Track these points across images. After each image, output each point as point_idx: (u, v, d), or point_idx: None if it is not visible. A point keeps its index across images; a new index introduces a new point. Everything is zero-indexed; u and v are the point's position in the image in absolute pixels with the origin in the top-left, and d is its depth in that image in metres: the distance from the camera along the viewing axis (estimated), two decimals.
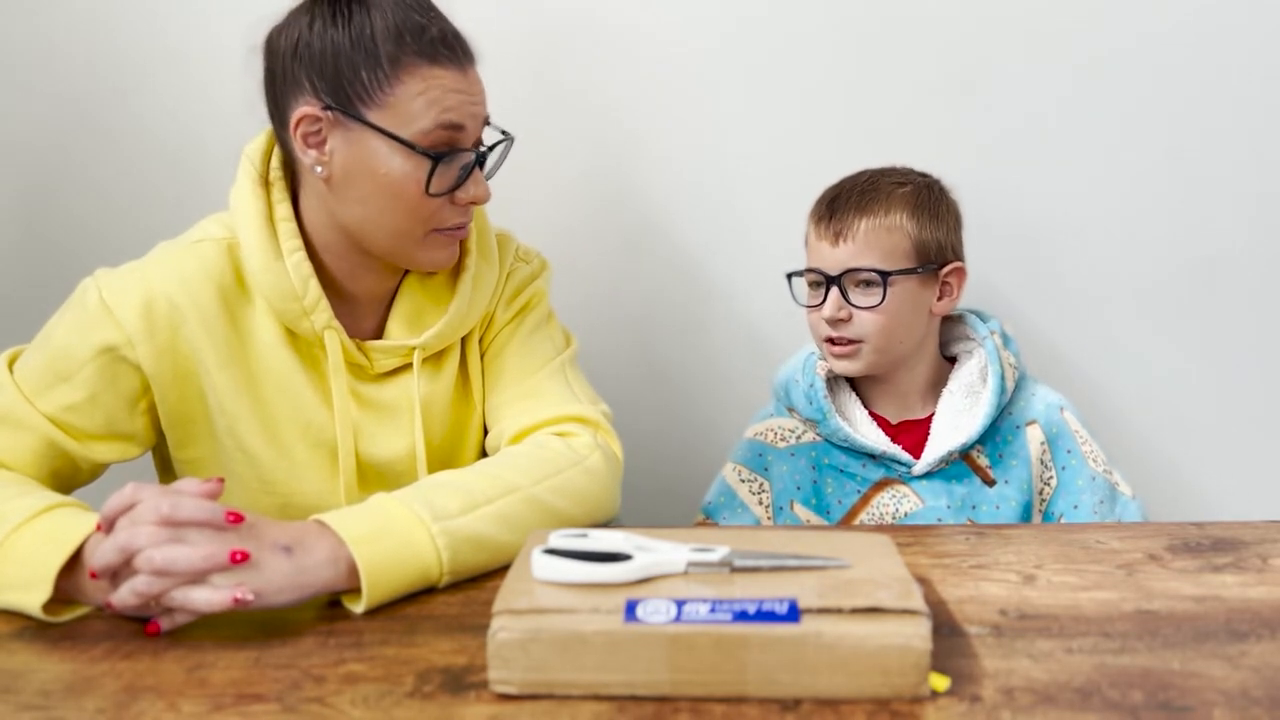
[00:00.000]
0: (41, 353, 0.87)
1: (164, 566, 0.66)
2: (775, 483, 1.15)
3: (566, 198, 1.37)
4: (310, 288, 0.88)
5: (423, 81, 0.84)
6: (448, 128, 0.85)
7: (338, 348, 0.90)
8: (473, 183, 0.88)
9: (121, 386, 0.88)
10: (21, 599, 0.71)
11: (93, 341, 0.86)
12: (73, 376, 0.86)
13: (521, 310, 1.01)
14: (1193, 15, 1.26)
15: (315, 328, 0.89)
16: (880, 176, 1.10)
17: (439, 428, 0.98)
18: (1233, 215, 1.31)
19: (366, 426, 0.95)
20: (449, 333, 0.95)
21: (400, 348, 0.94)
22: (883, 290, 1.06)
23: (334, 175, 0.86)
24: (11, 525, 0.73)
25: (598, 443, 0.91)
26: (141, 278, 0.88)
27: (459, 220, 0.90)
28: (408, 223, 0.87)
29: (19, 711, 0.60)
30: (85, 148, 1.38)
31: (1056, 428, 1.11)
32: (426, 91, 0.84)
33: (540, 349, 1.00)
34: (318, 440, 0.93)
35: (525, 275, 1.02)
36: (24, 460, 0.85)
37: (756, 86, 1.33)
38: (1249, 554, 0.80)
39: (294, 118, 0.85)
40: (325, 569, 0.71)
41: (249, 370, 0.91)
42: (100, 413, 0.87)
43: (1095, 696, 0.58)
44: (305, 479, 0.94)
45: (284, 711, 0.59)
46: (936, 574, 0.78)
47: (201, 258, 0.90)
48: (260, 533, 0.71)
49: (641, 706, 0.58)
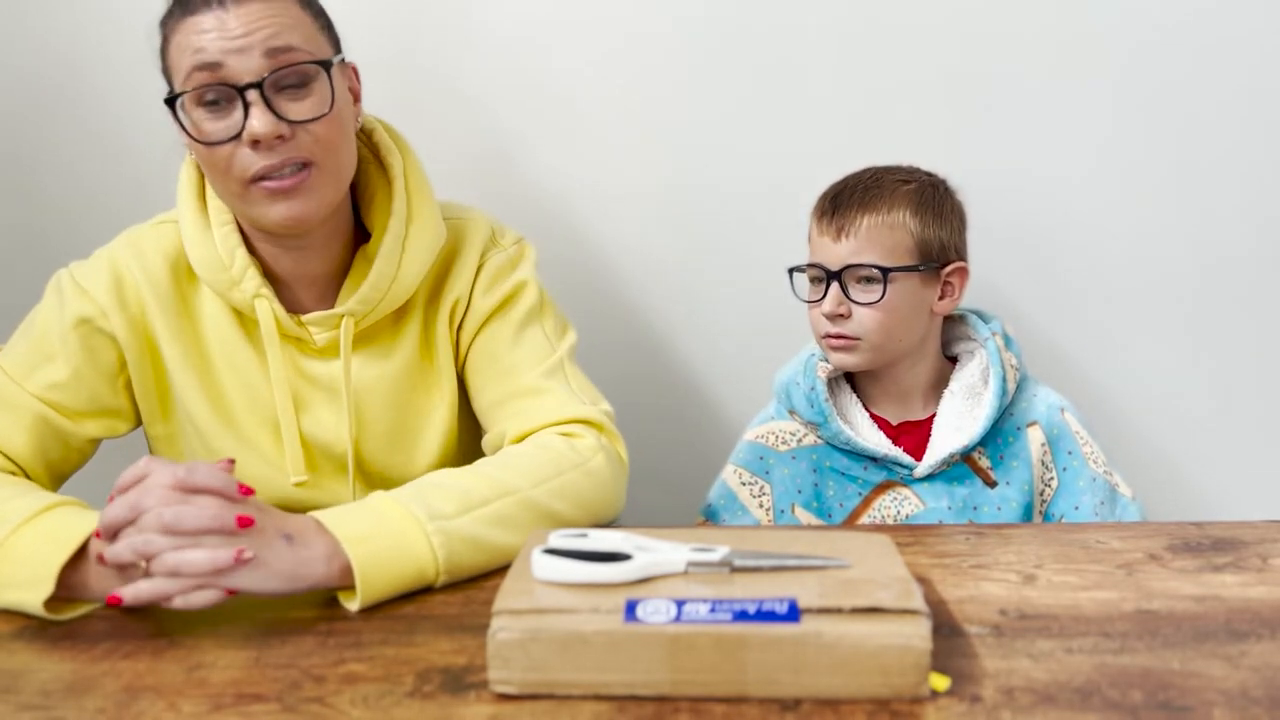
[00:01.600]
0: (24, 339, 0.91)
1: (171, 522, 0.67)
2: (776, 486, 1.15)
3: (567, 195, 1.37)
4: (237, 256, 0.89)
5: (183, 36, 0.82)
6: (201, 68, 0.81)
7: (268, 314, 0.90)
8: (252, 117, 0.81)
9: (101, 360, 0.91)
10: (23, 597, 0.71)
11: (69, 316, 0.90)
12: (55, 355, 0.90)
13: (507, 300, 0.98)
14: (1194, 18, 1.26)
15: (246, 296, 0.90)
16: (885, 174, 1.10)
17: (387, 410, 0.96)
18: (1235, 217, 1.31)
19: (311, 405, 0.95)
20: (372, 296, 0.91)
21: (331, 318, 0.92)
22: (883, 287, 1.05)
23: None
24: (12, 525, 0.73)
25: (602, 444, 0.90)
26: (108, 257, 0.93)
27: (261, 164, 0.82)
28: (220, 180, 0.85)
29: (19, 711, 0.60)
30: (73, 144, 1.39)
31: (1057, 429, 1.11)
32: (181, 42, 0.83)
33: (534, 344, 0.97)
34: (264, 416, 0.94)
35: (503, 261, 0.98)
36: (17, 441, 0.88)
37: (760, 85, 1.33)
38: (1249, 554, 0.80)
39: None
40: (319, 565, 0.71)
41: (199, 345, 0.94)
42: (85, 389, 0.91)
43: (1095, 696, 0.58)
44: (256, 457, 0.94)
45: (284, 711, 0.59)
46: (936, 574, 0.78)
47: (159, 237, 0.93)
48: (265, 517, 0.71)
49: (641, 706, 0.58)
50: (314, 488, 0.95)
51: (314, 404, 0.95)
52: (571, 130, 1.36)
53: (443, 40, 1.33)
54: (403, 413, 0.97)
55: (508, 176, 1.35)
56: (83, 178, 1.40)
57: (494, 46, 1.33)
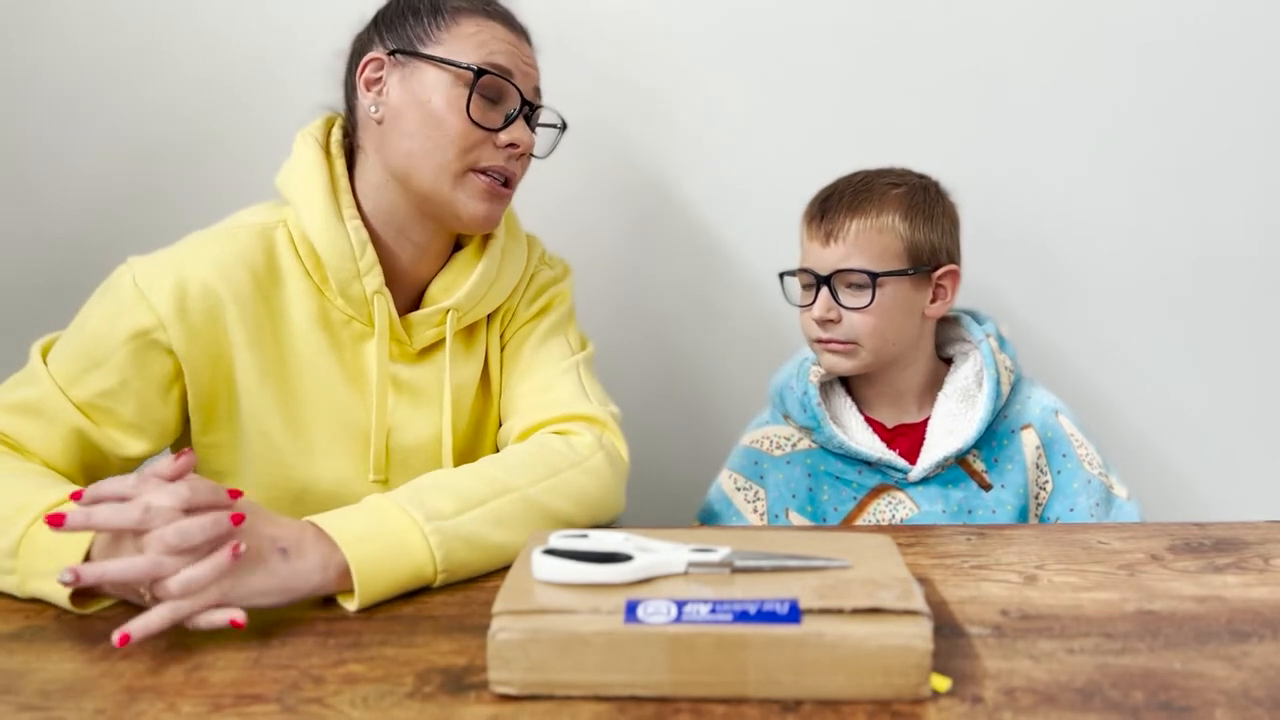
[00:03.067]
0: (75, 340, 0.88)
1: (177, 542, 0.66)
2: (770, 490, 1.15)
3: (568, 201, 1.37)
4: (368, 251, 0.91)
5: (476, 26, 0.91)
6: (495, 68, 0.91)
7: (385, 312, 0.93)
8: (516, 126, 0.92)
9: (153, 372, 0.88)
10: (49, 588, 0.71)
11: (125, 326, 0.87)
12: (105, 363, 0.86)
13: (543, 310, 1.04)
14: (1193, 19, 1.27)
15: (367, 291, 0.92)
16: (875, 177, 1.10)
17: (463, 416, 1.00)
18: (1232, 217, 1.31)
19: (395, 408, 0.96)
20: (477, 292, 0.97)
21: (436, 314, 0.95)
22: (872, 292, 1.05)
23: (387, 115, 0.92)
24: (34, 514, 0.73)
25: (601, 443, 0.91)
26: (174, 262, 0.89)
27: (498, 163, 0.92)
28: (448, 153, 0.90)
29: (19, 711, 0.60)
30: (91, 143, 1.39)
31: (1052, 431, 1.11)
32: (478, 34, 0.91)
33: (556, 347, 1.02)
34: (343, 423, 0.94)
35: (548, 278, 1.05)
36: (54, 451, 0.85)
37: (760, 88, 1.33)
38: (1251, 554, 0.80)
39: (360, 65, 0.93)
40: (314, 574, 0.71)
41: (279, 351, 0.92)
42: (133, 399, 0.88)
43: (1097, 697, 0.58)
44: (324, 464, 0.94)
45: (284, 711, 0.59)
46: (938, 574, 0.78)
47: (235, 241, 0.92)
48: (259, 530, 0.71)
49: (642, 707, 0.58)
50: (387, 488, 0.94)
51: (395, 406, 0.96)
52: (575, 132, 1.35)
53: None
54: (472, 418, 1.00)
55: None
56: (86, 179, 1.40)
57: None
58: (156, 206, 1.36)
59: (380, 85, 0.92)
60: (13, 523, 0.73)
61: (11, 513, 0.74)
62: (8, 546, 0.73)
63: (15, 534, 0.73)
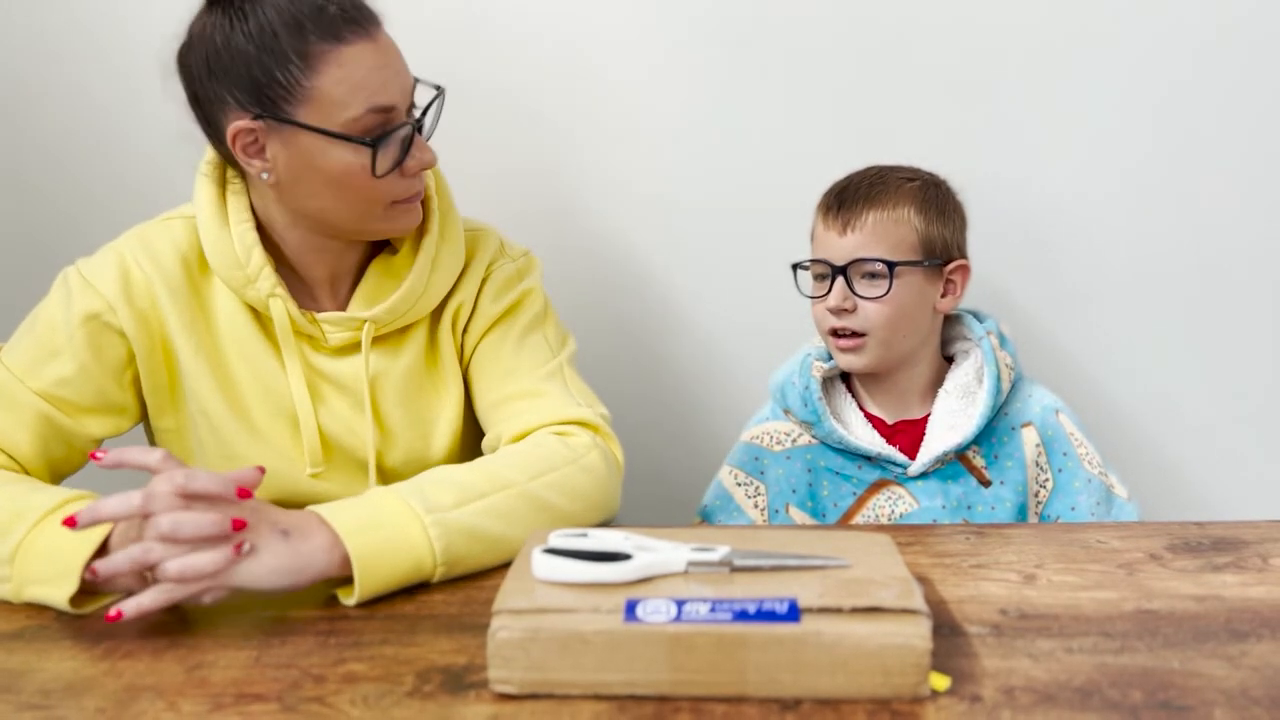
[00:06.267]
0: (29, 335, 0.91)
1: (169, 531, 0.67)
2: (771, 486, 1.15)
3: (563, 195, 1.37)
4: (254, 255, 0.90)
5: (339, 68, 0.83)
6: (378, 111, 0.85)
7: (283, 313, 0.92)
8: (416, 150, 0.89)
9: (108, 355, 0.91)
10: (48, 593, 0.71)
11: (77, 311, 0.89)
12: (61, 351, 0.89)
13: (513, 307, 1.01)
14: (1196, 18, 1.26)
15: (260, 294, 0.91)
16: (889, 172, 1.11)
17: (395, 408, 0.98)
18: (1235, 217, 1.31)
19: (326, 398, 0.96)
20: (400, 308, 0.94)
21: (350, 321, 0.94)
22: (889, 281, 1.06)
23: (281, 179, 0.88)
24: (31, 521, 0.73)
25: (597, 444, 0.91)
26: (116, 251, 0.93)
27: (414, 189, 0.91)
28: (365, 204, 0.89)
29: (19, 711, 0.60)
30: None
31: (1052, 430, 1.11)
32: (346, 78, 0.84)
33: (536, 349, 1.00)
34: (278, 408, 0.95)
35: (511, 271, 1.02)
36: (19, 440, 0.87)
37: (761, 87, 1.33)
38: (1249, 554, 0.80)
39: (229, 134, 0.85)
40: (320, 555, 0.72)
41: (212, 338, 0.94)
42: (91, 384, 0.90)
43: (1095, 696, 0.58)
44: (267, 449, 0.95)
45: (284, 711, 0.59)
46: (937, 573, 0.78)
47: (168, 230, 0.94)
48: (261, 515, 0.72)
49: (641, 706, 0.58)
50: (328, 480, 0.96)
51: (328, 397, 0.96)
52: (570, 130, 1.35)
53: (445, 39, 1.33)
54: (411, 411, 0.99)
55: (503, 177, 1.35)
56: (80, 178, 1.40)
57: (490, 49, 1.33)
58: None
59: (260, 151, 0.86)
60: (9, 530, 0.74)
61: (8, 519, 0.75)
62: (4, 554, 0.74)
63: (12, 542, 0.73)
